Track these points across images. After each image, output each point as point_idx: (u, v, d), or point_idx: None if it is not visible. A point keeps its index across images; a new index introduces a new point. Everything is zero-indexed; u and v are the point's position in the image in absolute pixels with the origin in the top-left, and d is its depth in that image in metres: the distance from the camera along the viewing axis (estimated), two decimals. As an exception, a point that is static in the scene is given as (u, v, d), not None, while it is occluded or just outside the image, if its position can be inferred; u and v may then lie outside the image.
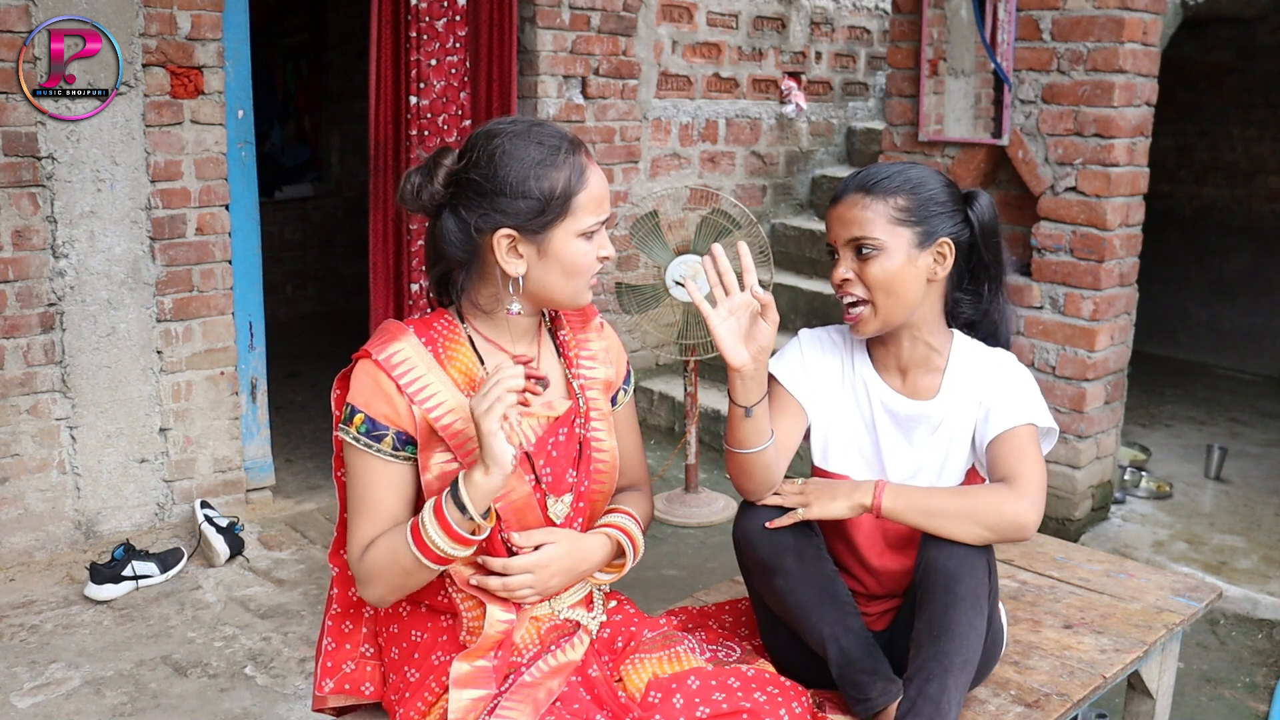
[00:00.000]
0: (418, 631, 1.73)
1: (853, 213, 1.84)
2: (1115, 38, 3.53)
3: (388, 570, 1.61)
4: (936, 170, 1.94)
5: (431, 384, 1.65)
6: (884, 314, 1.85)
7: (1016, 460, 1.80)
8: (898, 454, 1.92)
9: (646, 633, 1.84)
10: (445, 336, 1.70)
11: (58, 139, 3.46)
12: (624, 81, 4.83)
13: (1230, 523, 4.09)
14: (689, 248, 4.01)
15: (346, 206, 7.29)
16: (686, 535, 4.02)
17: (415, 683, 1.71)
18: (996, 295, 1.96)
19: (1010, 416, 1.84)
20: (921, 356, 1.92)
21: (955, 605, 1.72)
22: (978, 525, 1.74)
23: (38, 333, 3.51)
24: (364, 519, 1.65)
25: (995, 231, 1.91)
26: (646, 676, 1.70)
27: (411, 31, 3.97)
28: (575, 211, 1.64)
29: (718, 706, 1.62)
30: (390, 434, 1.63)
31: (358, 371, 1.67)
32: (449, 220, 1.67)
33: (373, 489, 1.65)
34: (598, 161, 1.79)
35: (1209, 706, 2.99)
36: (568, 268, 1.66)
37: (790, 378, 1.96)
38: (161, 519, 3.84)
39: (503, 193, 1.62)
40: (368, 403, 1.63)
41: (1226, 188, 6.39)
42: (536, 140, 1.64)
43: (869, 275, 1.83)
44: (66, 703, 2.83)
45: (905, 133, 4.14)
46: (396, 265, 4.14)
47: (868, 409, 1.94)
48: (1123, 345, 3.88)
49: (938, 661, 1.70)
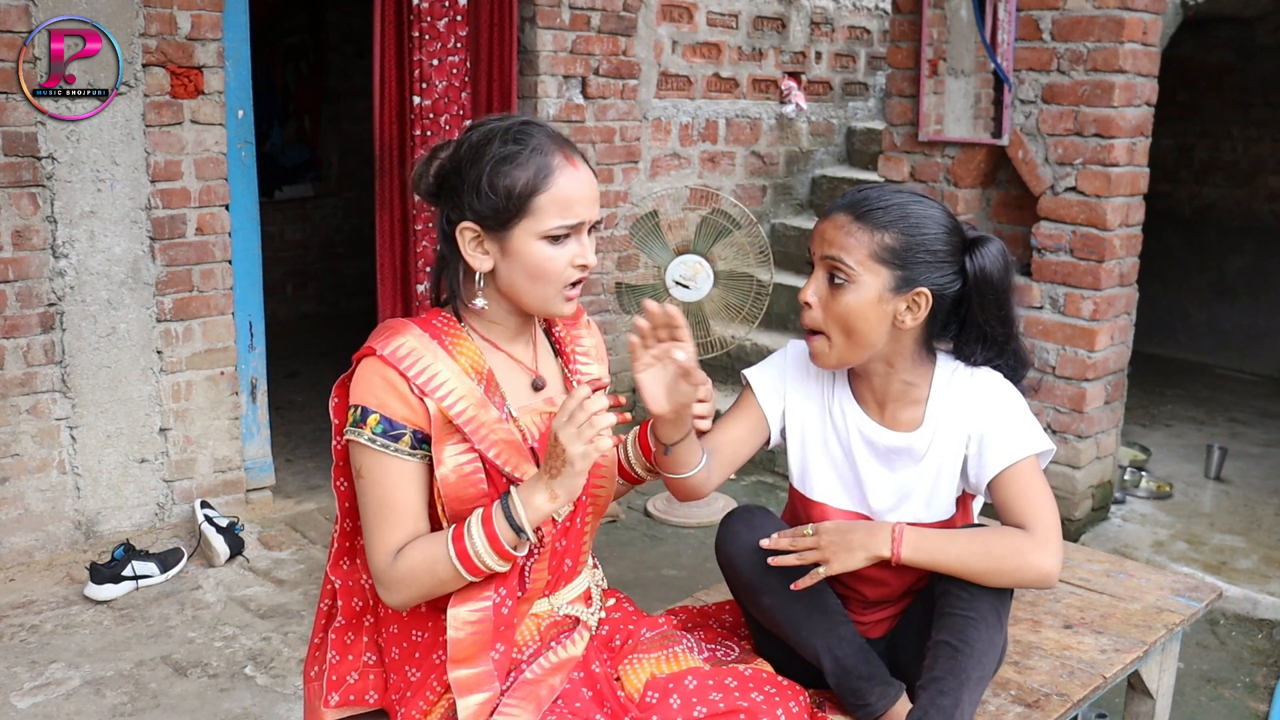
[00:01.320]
0: (418, 631, 1.72)
1: (837, 235, 1.74)
2: (1115, 38, 3.53)
3: (422, 578, 1.59)
4: (944, 210, 1.78)
5: (441, 372, 1.62)
6: (838, 351, 1.77)
7: (1029, 503, 1.74)
8: (879, 483, 1.86)
9: (645, 632, 1.83)
10: (447, 331, 1.69)
11: (58, 139, 3.46)
12: (624, 81, 4.83)
13: (1230, 523, 4.09)
14: (689, 248, 4.01)
15: (346, 206, 7.29)
16: (686, 535, 4.02)
17: (416, 682, 1.70)
18: (1003, 352, 1.83)
19: (1009, 451, 1.76)
20: (899, 391, 1.82)
21: (977, 622, 1.69)
22: (1000, 577, 1.70)
23: (38, 333, 3.51)
24: (388, 524, 1.61)
25: (997, 286, 1.76)
26: (644, 676, 1.70)
27: (414, 31, 3.97)
28: (536, 212, 1.59)
29: (715, 706, 1.62)
30: (408, 433, 1.60)
31: (364, 372, 1.63)
32: (439, 213, 1.68)
33: (394, 491, 1.61)
34: (596, 163, 1.78)
35: (1209, 706, 2.99)
36: (530, 270, 1.62)
37: (764, 389, 1.92)
38: (161, 519, 3.84)
39: (469, 187, 1.61)
40: (382, 402, 1.59)
41: (1226, 188, 6.39)
42: (513, 137, 1.62)
43: (833, 305, 1.74)
44: (66, 703, 2.83)
45: (905, 133, 4.13)
46: (403, 266, 4.14)
47: (845, 437, 1.87)
48: (1123, 345, 3.88)
49: (954, 675, 1.68)
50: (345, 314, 7.11)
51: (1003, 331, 1.81)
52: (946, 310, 1.79)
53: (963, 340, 1.84)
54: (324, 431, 4.94)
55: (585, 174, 1.65)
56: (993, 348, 1.83)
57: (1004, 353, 1.84)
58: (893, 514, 1.85)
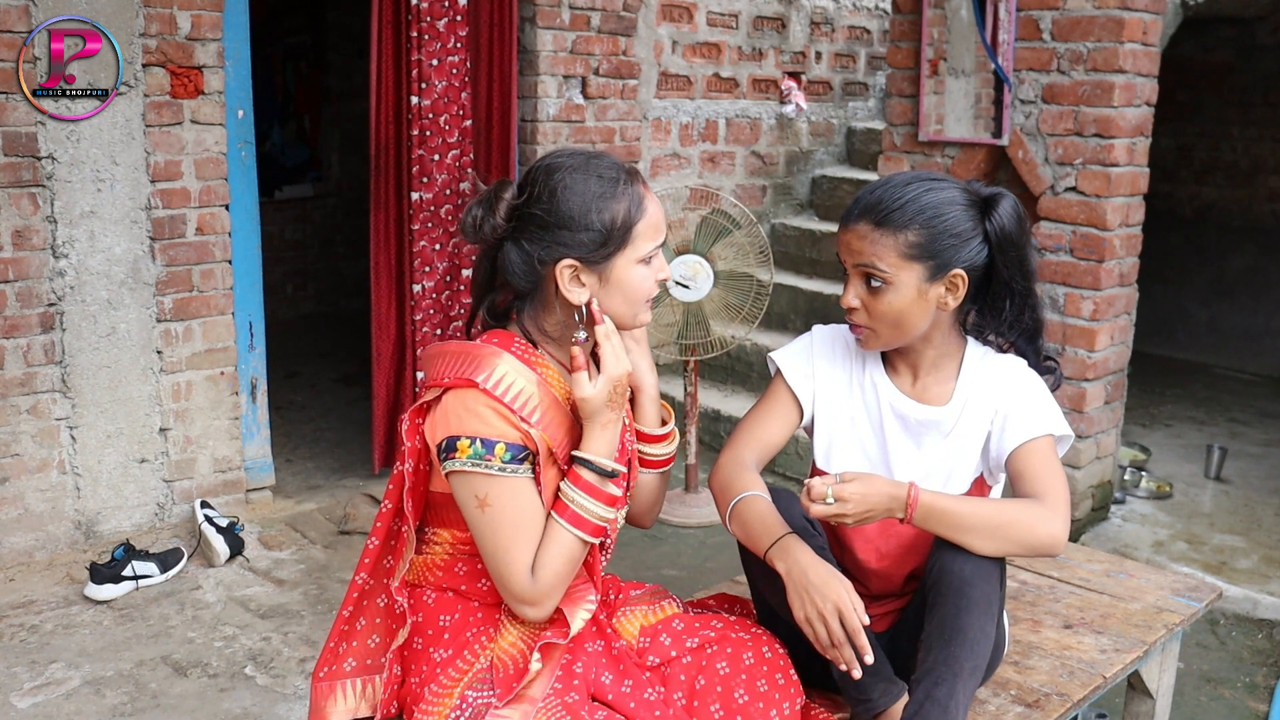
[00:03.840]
0: (446, 615, 1.76)
1: (863, 244, 1.79)
2: (1115, 38, 3.53)
3: (565, 573, 1.66)
4: (956, 186, 1.82)
5: (540, 403, 1.68)
6: (887, 338, 1.84)
7: (1043, 475, 1.78)
8: (905, 458, 1.90)
9: (633, 591, 1.96)
10: (533, 360, 1.73)
11: (58, 139, 3.46)
12: (624, 81, 4.83)
13: (1230, 523, 4.09)
14: (689, 248, 4.01)
15: (346, 206, 7.29)
16: (686, 535, 4.02)
17: (444, 660, 1.73)
18: (1025, 305, 1.87)
19: (1030, 427, 1.81)
20: (933, 363, 1.89)
21: (968, 610, 1.70)
22: (1009, 542, 1.71)
23: (38, 333, 3.51)
24: (522, 543, 1.65)
25: (1016, 241, 1.82)
26: (637, 625, 1.85)
27: (412, 31, 3.97)
28: (635, 240, 1.69)
29: (705, 636, 1.79)
30: (529, 455, 1.66)
31: (469, 404, 1.64)
32: (512, 252, 1.70)
33: (528, 510, 1.66)
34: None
35: (1209, 706, 2.99)
36: (629, 294, 1.71)
37: (795, 373, 1.95)
38: (161, 519, 3.84)
39: (565, 226, 1.66)
40: (501, 432, 1.63)
41: (1226, 188, 6.39)
42: (596, 173, 1.68)
43: (876, 307, 1.80)
44: (66, 703, 2.83)
45: (905, 133, 4.14)
46: (399, 265, 4.15)
47: (876, 412, 1.92)
48: (1123, 345, 3.88)
49: (947, 665, 1.69)
50: (345, 314, 7.11)
51: (1024, 285, 1.86)
52: (979, 277, 1.84)
53: (991, 298, 1.87)
54: (324, 431, 4.95)
55: (655, 196, 1.76)
56: (1018, 304, 1.86)
57: (1026, 307, 1.87)
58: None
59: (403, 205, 4.10)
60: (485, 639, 1.73)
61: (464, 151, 4.18)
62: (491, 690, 1.67)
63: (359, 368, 5.44)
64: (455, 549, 1.76)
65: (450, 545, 1.76)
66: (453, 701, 1.67)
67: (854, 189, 5.56)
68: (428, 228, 4.11)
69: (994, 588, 1.73)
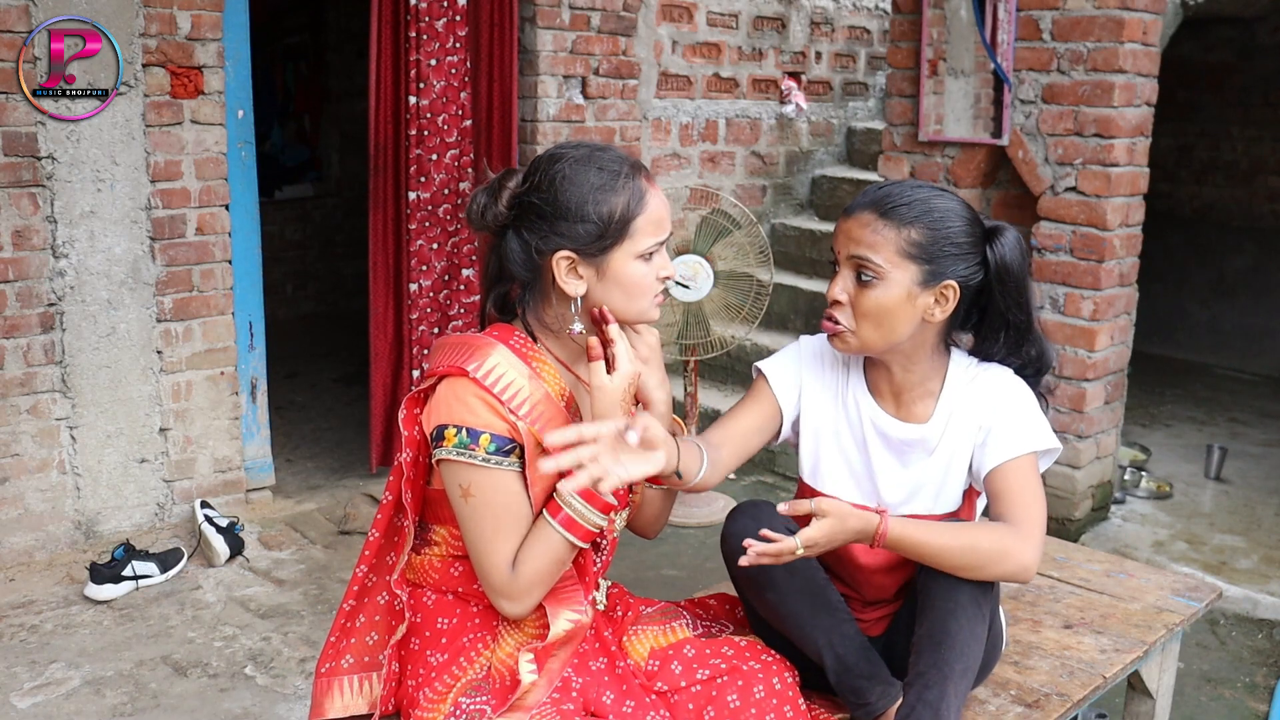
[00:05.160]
0: (444, 619, 1.75)
1: (863, 233, 1.75)
2: (1115, 38, 3.53)
3: (547, 572, 1.65)
4: (963, 203, 1.81)
5: (531, 396, 1.66)
6: (862, 340, 1.79)
7: (1018, 498, 1.75)
8: (891, 476, 1.88)
9: (644, 609, 1.92)
10: (529, 353, 1.72)
11: (58, 139, 3.46)
12: (624, 81, 4.83)
13: (1230, 523, 4.09)
14: (689, 248, 4.01)
15: (346, 206, 7.28)
16: (686, 535, 4.02)
17: (440, 664, 1.73)
18: (1024, 340, 1.85)
19: (1010, 445, 1.78)
20: (914, 382, 1.85)
21: (957, 612, 1.70)
22: (978, 571, 1.71)
23: (38, 333, 3.51)
24: (504, 536, 1.64)
25: (1015, 274, 1.79)
26: (647, 647, 1.82)
27: (411, 31, 3.97)
28: (634, 234, 1.67)
29: (716, 668, 1.74)
30: (516, 448, 1.65)
31: (458, 392, 1.64)
32: (513, 241, 1.70)
33: (512, 504, 1.65)
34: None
35: (1209, 706, 2.99)
36: (628, 289, 1.69)
37: (780, 381, 1.93)
38: (161, 519, 3.84)
39: (563, 216, 1.65)
40: (487, 422, 1.63)
41: (1226, 188, 6.39)
42: (597, 165, 1.67)
43: (863, 302, 1.75)
44: (66, 703, 2.83)
45: (905, 133, 4.14)
46: (396, 265, 4.15)
47: (859, 428, 1.89)
48: (1123, 345, 3.88)
49: (938, 669, 1.69)
50: (345, 314, 7.11)
51: (1023, 319, 1.83)
52: (969, 301, 1.81)
53: (985, 330, 1.86)
54: (324, 431, 4.95)
55: (661, 193, 1.73)
56: (1014, 336, 1.84)
57: (1024, 342, 1.85)
58: (904, 507, 1.86)
59: (400, 205, 4.10)
60: (482, 645, 1.73)
61: (463, 151, 4.18)
62: (486, 698, 1.66)
63: (359, 368, 5.44)
64: (452, 548, 1.76)
65: (447, 544, 1.76)
66: (446, 708, 1.67)
67: (854, 189, 5.56)
68: (425, 227, 4.11)
69: (982, 589, 1.73)
